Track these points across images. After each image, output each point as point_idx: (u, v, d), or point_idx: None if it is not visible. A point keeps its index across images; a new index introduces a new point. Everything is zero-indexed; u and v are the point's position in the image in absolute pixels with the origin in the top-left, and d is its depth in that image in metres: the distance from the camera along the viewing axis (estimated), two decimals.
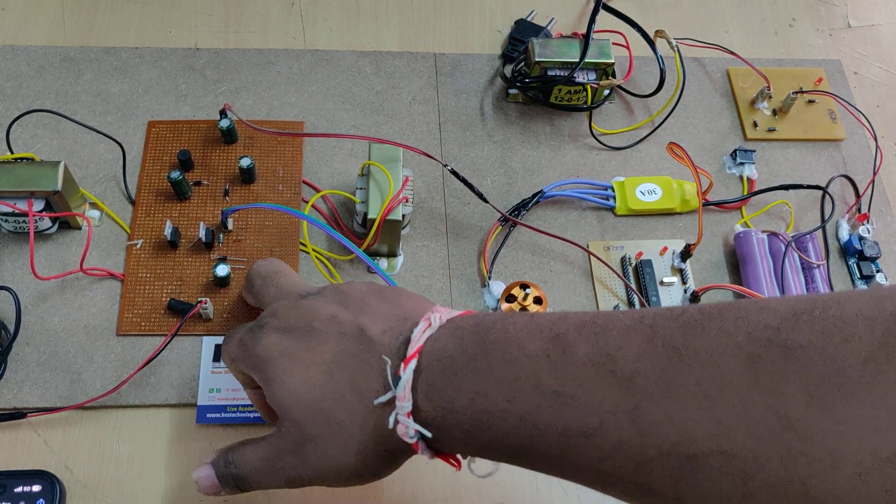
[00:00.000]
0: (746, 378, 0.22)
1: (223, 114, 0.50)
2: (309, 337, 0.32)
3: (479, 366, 0.28)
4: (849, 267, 0.52)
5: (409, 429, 0.28)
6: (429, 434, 0.28)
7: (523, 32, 0.58)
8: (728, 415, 0.22)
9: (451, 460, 0.31)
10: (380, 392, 0.29)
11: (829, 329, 0.22)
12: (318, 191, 0.50)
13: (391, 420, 0.29)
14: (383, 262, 0.48)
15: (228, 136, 0.51)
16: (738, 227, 0.52)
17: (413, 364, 0.28)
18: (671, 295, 0.49)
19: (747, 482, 0.22)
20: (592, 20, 0.54)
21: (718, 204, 0.53)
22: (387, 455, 0.31)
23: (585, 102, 0.54)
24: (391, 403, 0.29)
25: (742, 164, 0.54)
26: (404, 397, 0.28)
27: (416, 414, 0.28)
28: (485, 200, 0.49)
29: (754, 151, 0.55)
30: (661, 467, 0.24)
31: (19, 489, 0.39)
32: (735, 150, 0.55)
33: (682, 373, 0.24)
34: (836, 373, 0.21)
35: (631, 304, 0.48)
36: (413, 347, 0.29)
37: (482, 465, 0.30)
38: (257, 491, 0.34)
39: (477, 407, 0.27)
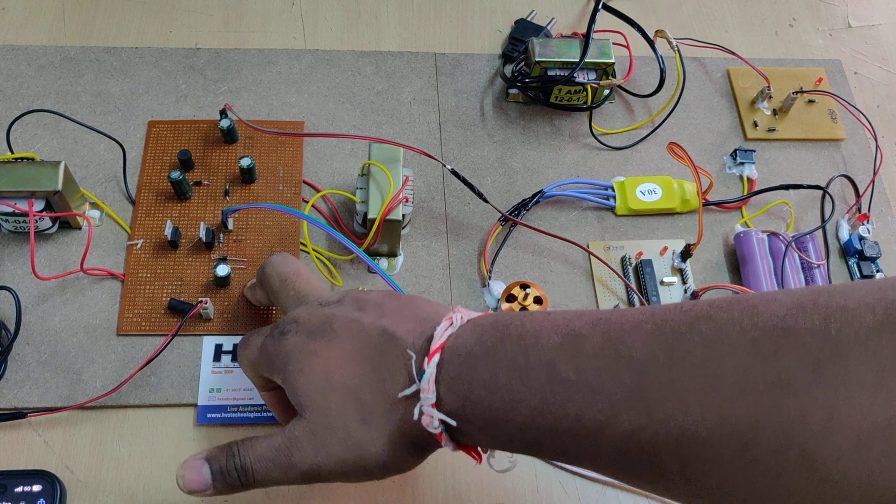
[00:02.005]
0: (747, 352, 0.23)
1: (223, 114, 0.50)
2: (331, 336, 0.32)
3: (497, 357, 0.28)
4: (849, 267, 0.52)
5: (433, 419, 0.29)
6: (453, 423, 0.29)
7: (523, 32, 0.58)
8: (729, 387, 0.23)
9: (473, 453, 0.32)
10: (404, 385, 0.30)
11: (832, 314, 0.23)
12: (318, 191, 0.50)
13: (416, 412, 0.29)
14: (383, 262, 0.48)
15: (229, 136, 0.51)
16: (739, 227, 0.52)
17: (436, 358, 0.29)
18: (671, 295, 0.49)
19: (749, 449, 0.23)
20: (592, 20, 0.54)
21: (718, 204, 0.53)
22: (412, 446, 0.31)
23: (585, 102, 0.54)
24: (415, 396, 0.30)
25: (742, 163, 0.54)
26: (428, 389, 0.29)
27: (438, 406, 0.29)
28: (485, 200, 0.49)
29: (754, 151, 0.55)
30: (670, 449, 0.25)
31: (20, 489, 0.39)
32: (735, 150, 0.55)
33: (686, 356, 0.24)
34: (836, 346, 0.22)
35: (631, 303, 0.48)
36: (436, 343, 0.30)
37: (500, 460, 0.31)
38: (258, 490, 0.34)
39: (494, 397, 0.28)
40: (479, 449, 0.32)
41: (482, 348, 0.29)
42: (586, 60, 0.52)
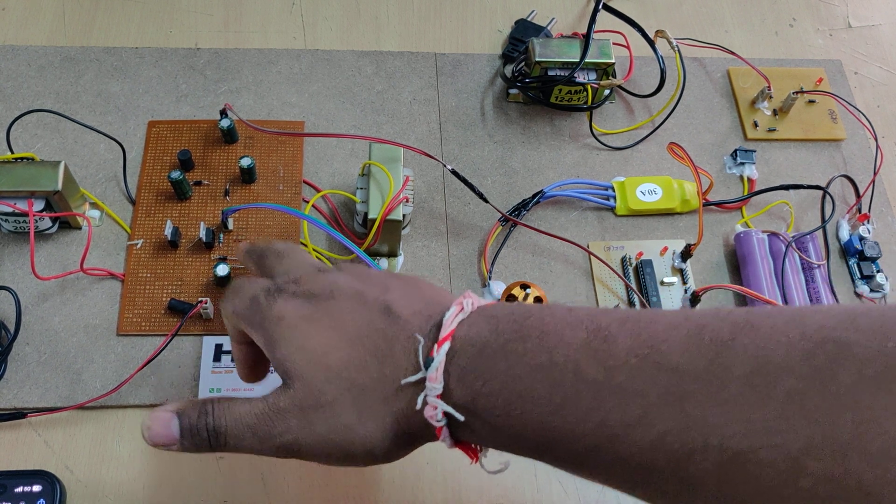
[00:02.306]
0: (802, 369, 0.22)
1: (223, 114, 0.50)
2: (331, 305, 0.30)
3: (516, 349, 0.27)
4: (849, 267, 0.52)
5: (437, 411, 0.27)
6: (461, 417, 0.27)
7: (524, 32, 0.58)
8: (782, 406, 0.22)
9: (469, 451, 0.30)
10: (408, 371, 0.28)
11: (888, 328, 0.22)
12: (318, 191, 0.50)
13: (419, 401, 0.28)
14: (384, 262, 0.48)
15: (229, 136, 0.51)
16: (739, 228, 0.52)
17: (447, 346, 0.27)
18: (671, 295, 0.49)
19: (800, 475, 0.21)
20: (593, 20, 0.54)
21: (719, 204, 0.53)
22: (404, 436, 0.29)
23: (586, 102, 0.54)
24: (419, 384, 0.28)
25: (742, 164, 0.54)
26: (436, 378, 0.27)
27: (445, 397, 0.27)
28: (485, 200, 0.49)
29: (755, 151, 0.55)
30: (706, 460, 0.23)
31: (20, 489, 0.39)
32: (735, 150, 0.55)
33: (732, 366, 0.23)
34: (891, 361, 0.21)
35: (631, 304, 0.48)
36: (446, 330, 0.28)
37: (493, 461, 0.30)
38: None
39: (510, 392, 0.26)
40: (476, 447, 0.30)
41: (498, 340, 0.27)
42: (586, 60, 0.52)
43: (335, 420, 0.29)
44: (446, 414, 0.27)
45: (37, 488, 0.39)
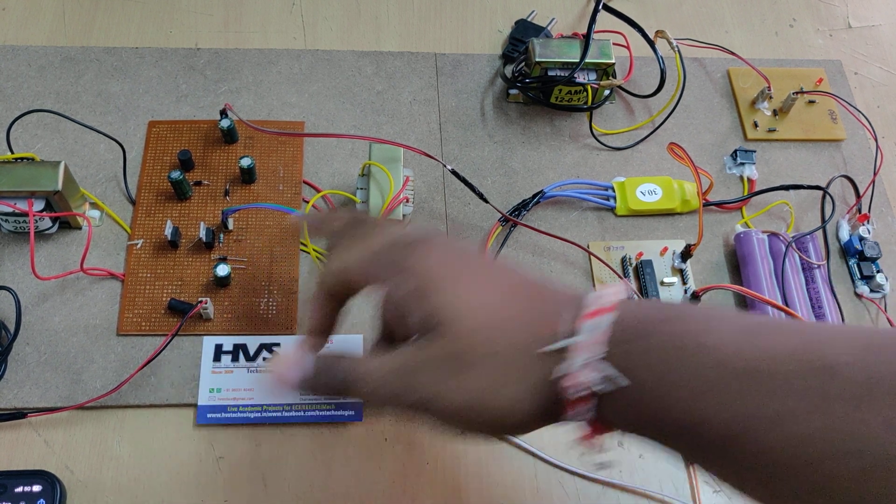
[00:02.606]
0: None
1: (224, 114, 0.50)
2: (484, 263, 0.30)
3: (674, 329, 0.26)
4: (849, 267, 0.52)
5: (587, 376, 0.26)
6: (626, 382, 0.26)
7: (524, 32, 0.58)
8: None
9: (597, 432, 0.29)
10: (558, 337, 0.27)
11: None
12: (318, 191, 0.50)
13: (574, 364, 0.26)
14: None
15: (229, 136, 0.51)
16: (739, 228, 0.52)
17: (614, 313, 0.27)
18: (671, 295, 0.49)
19: None
20: (593, 20, 0.54)
21: (719, 204, 0.53)
22: (541, 409, 0.28)
23: (586, 103, 0.54)
24: (564, 351, 0.27)
25: (742, 164, 0.54)
26: (599, 341, 0.26)
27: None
28: (485, 201, 0.49)
29: (755, 152, 0.55)
30: (849, 464, 0.23)
31: (20, 489, 0.39)
32: (735, 151, 0.55)
33: (890, 371, 0.23)
34: None
35: None
36: (612, 299, 0.27)
37: (602, 454, 0.29)
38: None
39: (662, 367, 0.26)
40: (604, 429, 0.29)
41: (659, 316, 0.27)
42: (587, 61, 0.52)
43: (482, 377, 0.27)
44: (605, 379, 0.26)
45: (37, 488, 0.39)
